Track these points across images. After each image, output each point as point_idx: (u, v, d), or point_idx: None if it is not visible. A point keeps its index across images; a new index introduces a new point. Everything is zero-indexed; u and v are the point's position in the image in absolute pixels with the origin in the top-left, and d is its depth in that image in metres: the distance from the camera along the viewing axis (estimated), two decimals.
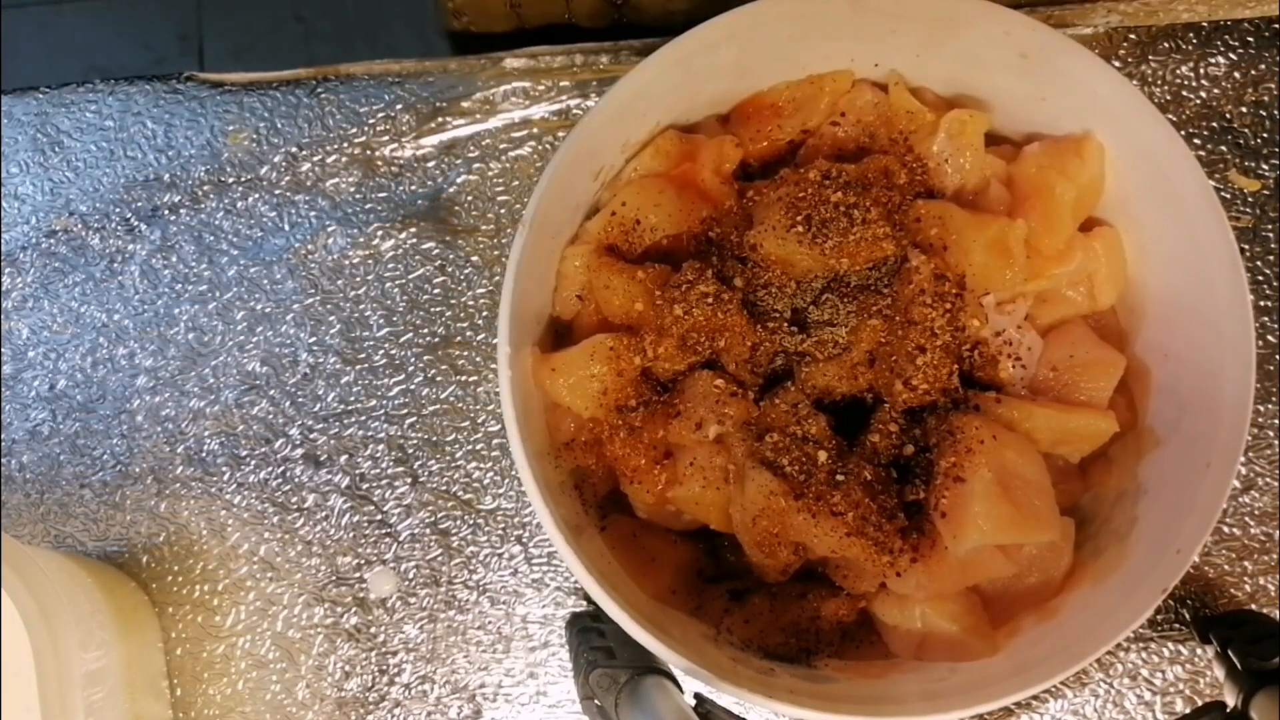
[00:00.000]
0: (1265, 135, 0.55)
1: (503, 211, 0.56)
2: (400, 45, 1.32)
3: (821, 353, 0.44)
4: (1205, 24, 0.56)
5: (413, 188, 0.57)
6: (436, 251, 0.56)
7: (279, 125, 0.58)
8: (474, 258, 0.56)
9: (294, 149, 0.57)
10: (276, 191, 0.57)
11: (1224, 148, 0.55)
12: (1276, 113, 0.56)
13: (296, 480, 0.54)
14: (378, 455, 0.54)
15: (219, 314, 0.56)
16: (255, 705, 0.52)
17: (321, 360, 0.55)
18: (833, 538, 0.41)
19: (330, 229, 0.57)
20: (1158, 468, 0.44)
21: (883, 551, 0.41)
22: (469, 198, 0.57)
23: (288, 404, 0.55)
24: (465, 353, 0.55)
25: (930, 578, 0.41)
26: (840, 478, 0.42)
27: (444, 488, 0.54)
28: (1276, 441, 0.53)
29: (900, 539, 0.41)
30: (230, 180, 0.57)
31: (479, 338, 0.55)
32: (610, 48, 0.57)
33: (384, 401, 0.55)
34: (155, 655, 0.52)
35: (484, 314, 0.56)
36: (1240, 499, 0.52)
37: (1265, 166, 0.55)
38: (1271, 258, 0.54)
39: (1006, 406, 0.44)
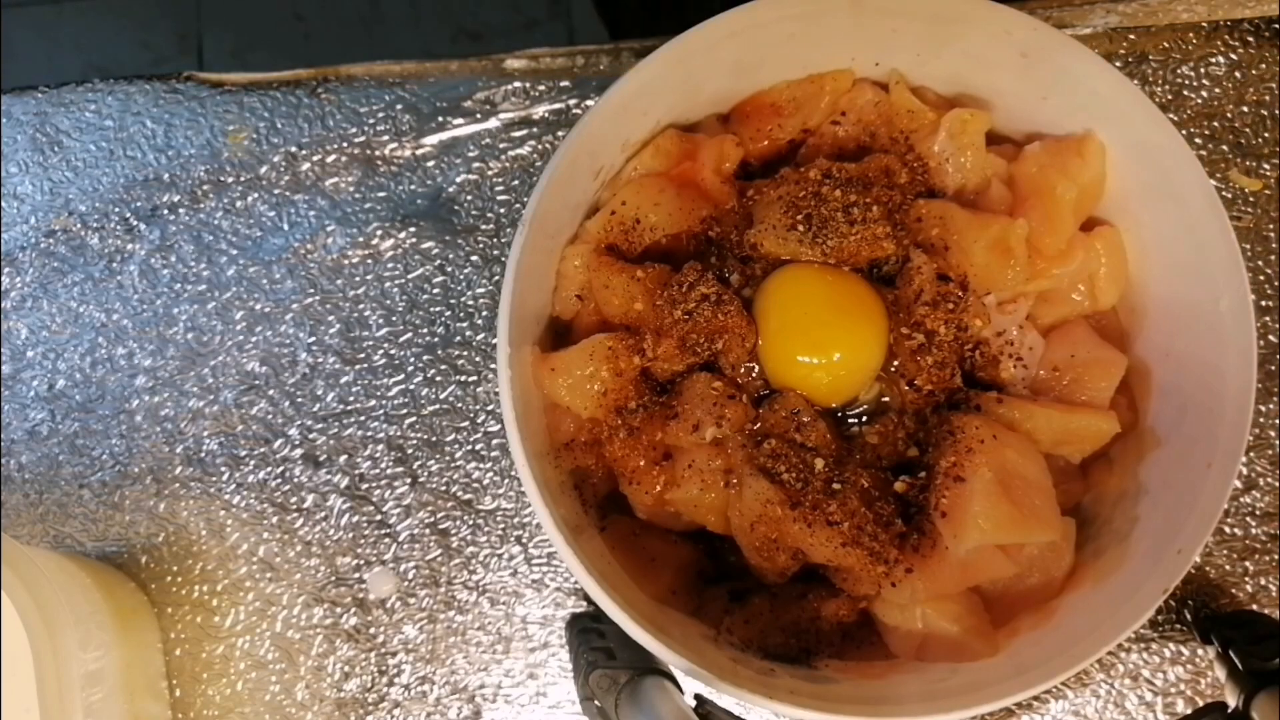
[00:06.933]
0: (1265, 135, 0.55)
1: (502, 211, 0.56)
2: (400, 45, 1.32)
3: None
4: (1205, 24, 0.56)
5: (412, 187, 0.57)
6: (436, 251, 0.56)
7: (279, 125, 0.58)
8: (474, 257, 0.56)
9: (294, 149, 0.57)
10: (276, 191, 0.57)
11: (1225, 147, 0.55)
12: (1277, 112, 0.56)
13: (296, 480, 0.54)
14: (377, 455, 0.54)
15: (218, 314, 0.56)
16: (254, 706, 0.52)
17: (321, 360, 0.55)
18: (828, 547, 0.41)
19: (330, 228, 0.56)
20: (1159, 468, 0.44)
21: (878, 561, 0.41)
22: (469, 197, 0.57)
23: (287, 404, 0.55)
24: (465, 353, 0.55)
25: (929, 580, 0.41)
26: (837, 486, 0.41)
27: (443, 488, 0.54)
28: (1278, 441, 0.53)
29: (896, 548, 0.41)
30: (230, 180, 0.57)
31: (479, 338, 0.55)
32: (610, 48, 0.57)
33: (383, 401, 0.55)
34: (154, 656, 0.52)
35: (484, 314, 0.56)
36: (1241, 499, 0.52)
37: (1266, 166, 0.55)
38: (1273, 257, 0.54)
39: (1007, 406, 0.43)
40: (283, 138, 0.57)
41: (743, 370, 0.44)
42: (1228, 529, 0.52)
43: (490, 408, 0.55)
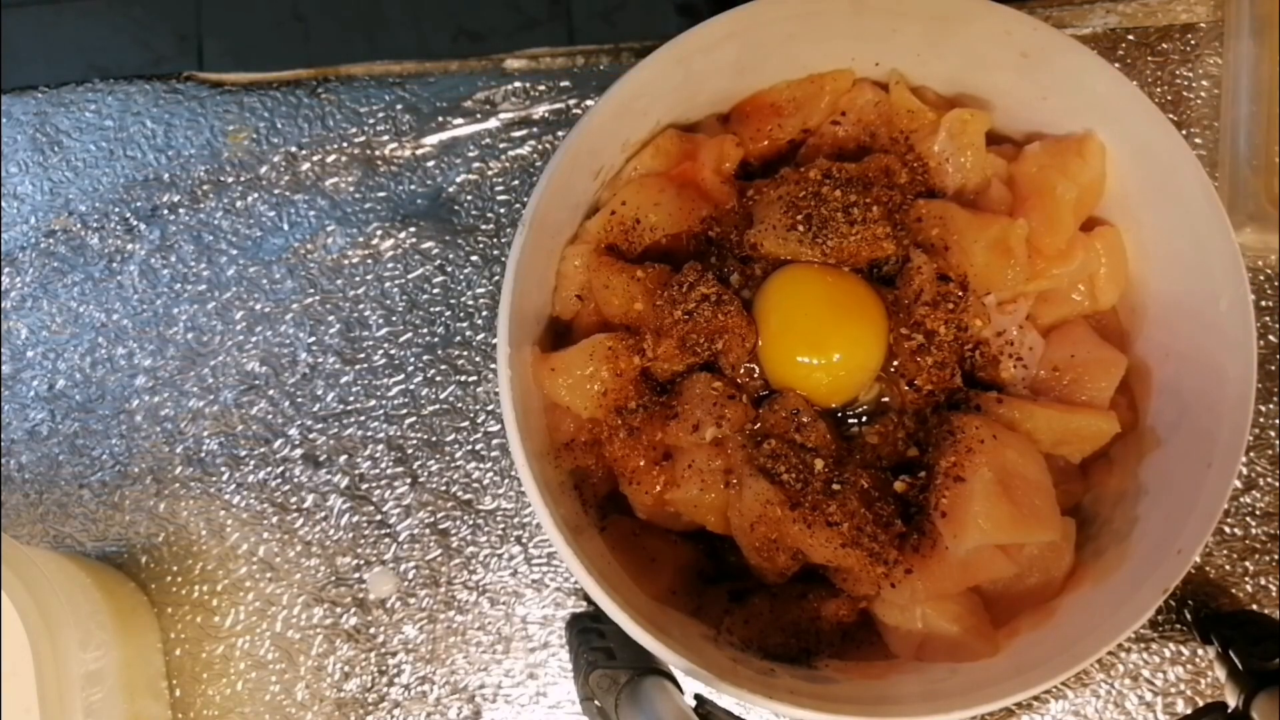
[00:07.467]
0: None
1: (502, 211, 0.56)
2: (400, 45, 1.32)
3: None
4: (1205, 24, 0.56)
5: (412, 187, 0.57)
6: (436, 251, 0.56)
7: (279, 125, 0.58)
8: (474, 257, 0.56)
9: (294, 148, 0.57)
10: (276, 191, 0.57)
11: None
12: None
13: (296, 480, 0.54)
14: (377, 455, 0.54)
15: (218, 314, 0.56)
16: (254, 706, 0.52)
17: (321, 360, 0.55)
18: (828, 548, 0.41)
19: (330, 228, 0.56)
20: (1159, 468, 0.44)
21: (878, 562, 0.41)
22: (469, 197, 0.57)
23: (287, 404, 0.55)
24: (465, 353, 0.55)
25: (929, 580, 0.41)
26: (836, 487, 0.41)
27: (443, 488, 0.54)
28: (1277, 441, 0.53)
29: (896, 549, 0.41)
30: (230, 180, 0.57)
31: (479, 338, 0.55)
32: (610, 48, 0.57)
33: (383, 401, 0.55)
34: (154, 656, 0.52)
35: (484, 314, 0.56)
36: (1241, 499, 0.52)
37: None
38: (1273, 258, 0.54)
39: (1008, 406, 0.43)
40: (283, 138, 0.57)
41: (743, 370, 0.44)
42: (1228, 529, 0.52)
43: (490, 408, 0.55)
